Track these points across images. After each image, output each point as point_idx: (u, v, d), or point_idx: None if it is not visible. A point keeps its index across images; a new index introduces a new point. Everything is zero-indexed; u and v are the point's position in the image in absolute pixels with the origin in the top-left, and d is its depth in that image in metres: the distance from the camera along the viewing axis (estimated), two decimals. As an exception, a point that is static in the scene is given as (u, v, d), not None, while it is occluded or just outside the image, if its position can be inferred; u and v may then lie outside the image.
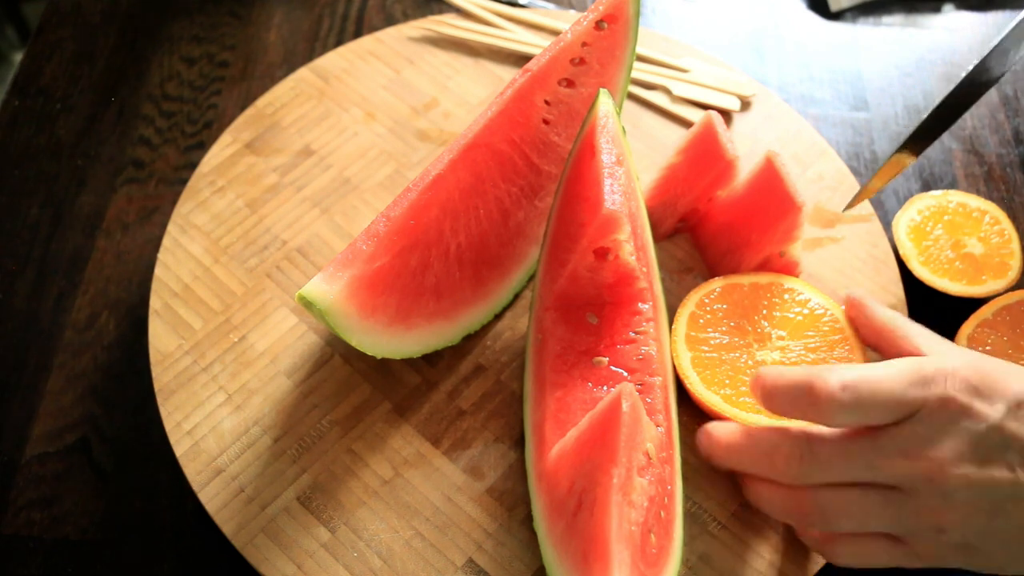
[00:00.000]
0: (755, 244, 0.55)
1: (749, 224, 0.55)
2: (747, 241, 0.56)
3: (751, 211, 0.55)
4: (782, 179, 0.53)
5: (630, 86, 0.67)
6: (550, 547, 0.46)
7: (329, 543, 0.49)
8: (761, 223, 0.55)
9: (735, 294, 0.55)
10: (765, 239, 0.55)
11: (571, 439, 0.46)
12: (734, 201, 0.57)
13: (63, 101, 0.71)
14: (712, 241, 0.59)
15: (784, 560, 0.50)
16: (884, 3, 0.78)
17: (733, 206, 0.57)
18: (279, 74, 0.71)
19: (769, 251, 0.55)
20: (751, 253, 0.56)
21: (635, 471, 0.43)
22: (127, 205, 0.65)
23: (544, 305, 0.53)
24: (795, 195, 0.53)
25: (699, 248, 0.60)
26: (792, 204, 0.53)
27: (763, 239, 0.55)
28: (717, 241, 0.58)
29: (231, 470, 0.51)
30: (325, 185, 0.62)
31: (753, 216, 0.55)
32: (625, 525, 0.42)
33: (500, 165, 0.55)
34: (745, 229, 0.56)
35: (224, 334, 0.56)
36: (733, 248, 0.57)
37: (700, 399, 0.52)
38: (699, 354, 0.53)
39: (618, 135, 0.52)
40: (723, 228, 0.58)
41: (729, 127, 0.66)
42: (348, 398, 0.54)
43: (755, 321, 0.54)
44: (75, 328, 0.59)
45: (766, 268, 0.57)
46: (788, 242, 0.55)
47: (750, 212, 0.55)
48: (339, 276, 0.49)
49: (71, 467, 0.54)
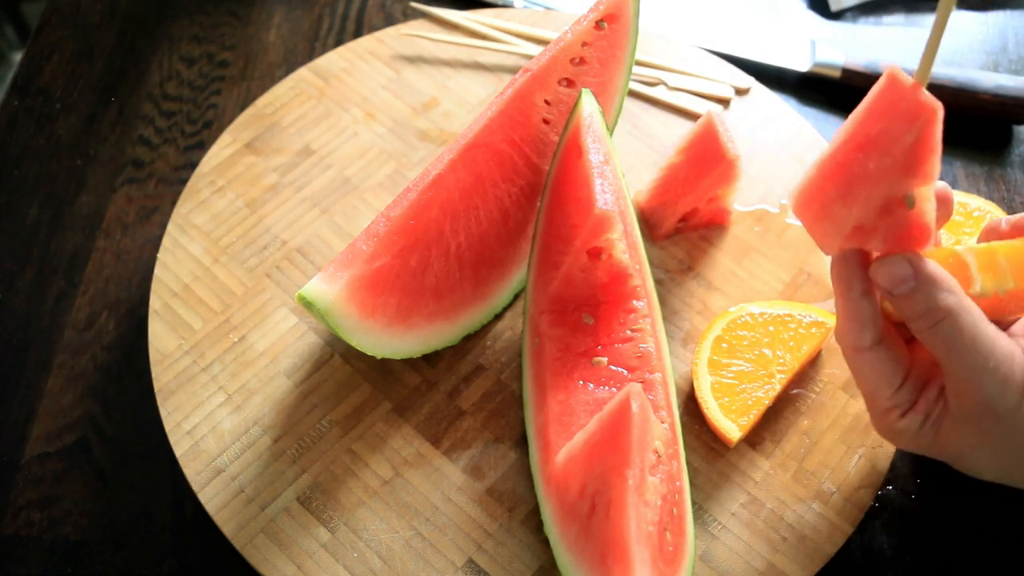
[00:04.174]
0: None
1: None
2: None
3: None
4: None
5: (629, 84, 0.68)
6: (564, 551, 0.46)
7: (329, 543, 0.49)
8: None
9: (763, 321, 0.55)
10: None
11: (579, 442, 0.46)
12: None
13: (63, 101, 0.70)
14: None
15: (784, 560, 0.50)
16: (884, 3, 0.78)
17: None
18: (279, 74, 0.71)
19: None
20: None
21: (647, 470, 0.44)
22: (127, 205, 0.65)
23: (539, 308, 0.53)
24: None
25: None
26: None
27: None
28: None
29: (231, 470, 0.51)
30: (325, 185, 0.62)
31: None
32: (643, 526, 0.42)
33: (500, 165, 0.55)
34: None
35: (224, 334, 0.56)
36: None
37: (715, 425, 0.52)
38: (719, 379, 0.53)
39: (603, 134, 0.53)
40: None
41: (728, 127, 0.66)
42: (348, 398, 0.54)
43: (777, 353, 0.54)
44: (75, 328, 0.59)
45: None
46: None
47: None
48: (339, 276, 0.49)
49: (70, 467, 0.54)
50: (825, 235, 0.44)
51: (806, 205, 0.44)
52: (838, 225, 0.42)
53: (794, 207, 0.45)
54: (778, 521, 0.51)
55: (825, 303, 0.58)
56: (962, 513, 0.53)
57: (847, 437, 0.53)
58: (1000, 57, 0.75)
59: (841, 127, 0.42)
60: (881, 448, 0.53)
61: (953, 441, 0.43)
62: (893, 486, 0.54)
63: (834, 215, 0.42)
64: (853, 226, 0.42)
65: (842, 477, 0.52)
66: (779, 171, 0.64)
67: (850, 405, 0.54)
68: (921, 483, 0.54)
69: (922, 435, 0.44)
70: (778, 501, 0.51)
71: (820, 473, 0.52)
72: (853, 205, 0.41)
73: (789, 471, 0.52)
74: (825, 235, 0.44)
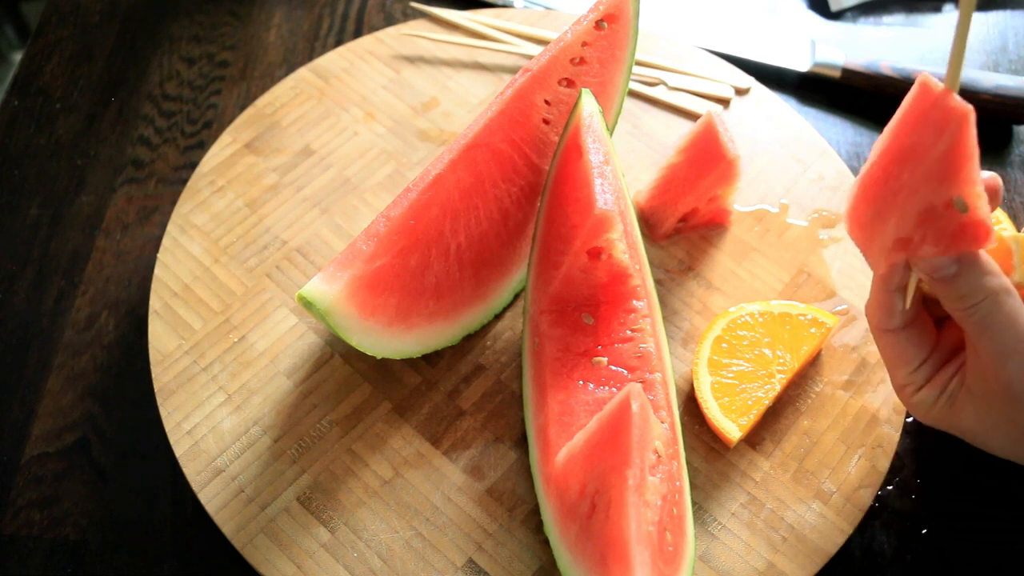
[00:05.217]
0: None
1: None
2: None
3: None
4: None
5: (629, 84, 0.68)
6: (564, 551, 0.46)
7: (329, 543, 0.49)
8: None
9: (763, 321, 0.55)
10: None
11: (579, 442, 0.46)
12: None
13: (63, 101, 0.70)
14: None
15: (784, 560, 0.50)
16: (884, 3, 0.78)
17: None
18: (279, 74, 0.71)
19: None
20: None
21: (647, 470, 0.44)
22: (127, 205, 0.65)
23: (539, 308, 0.53)
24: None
25: None
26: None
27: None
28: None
29: (231, 470, 0.51)
30: (325, 185, 0.62)
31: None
32: (644, 526, 0.42)
33: (500, 165, 0.55)
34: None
35: (224, 334, 0.56)
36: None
37: (715, 425, 0.52)
38: (719, 379, 0.53)
39: (603, 134, 0.53)
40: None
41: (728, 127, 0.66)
42: (348, 398, 0.54)
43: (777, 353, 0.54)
44: (75, 328, 0.59)
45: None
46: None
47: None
48: (339, 276, 0.49)
49: (70, 467, 0.54)
50: (871, 253, 0.43)
51: (854, 224, 0.44)
52: (880, 241, 0.42)
53: (848, 230, 0.44)
54: (778, 521, 0.51)
55: (825, 303, 0.58)
56: (962, 513, 0.54)
57: (847, 437, 0.53)
58: (1000, 57, 0.75)
59: (878, 139, 0.42)
60: (881, 448, 0.53)
61: (967, 417, 0.44)
62: (893, 486, 0.54)
63: (875, 231, 0.42)
64: (894, 239, 0.41)
65: (842, 477, 0.52)
66: (779, 171, 0.64)
67: (850, 405, 0.54)
68: (921, 483, 0.54)
69: (935, 409, 0.44)
70: (778, 501, 0.51)
71: (820, 473, 0.52)
72: (889, 218, 0.41)
73: (789, 471, 0.52)
74: (871, 253, 0.43)
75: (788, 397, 0.55)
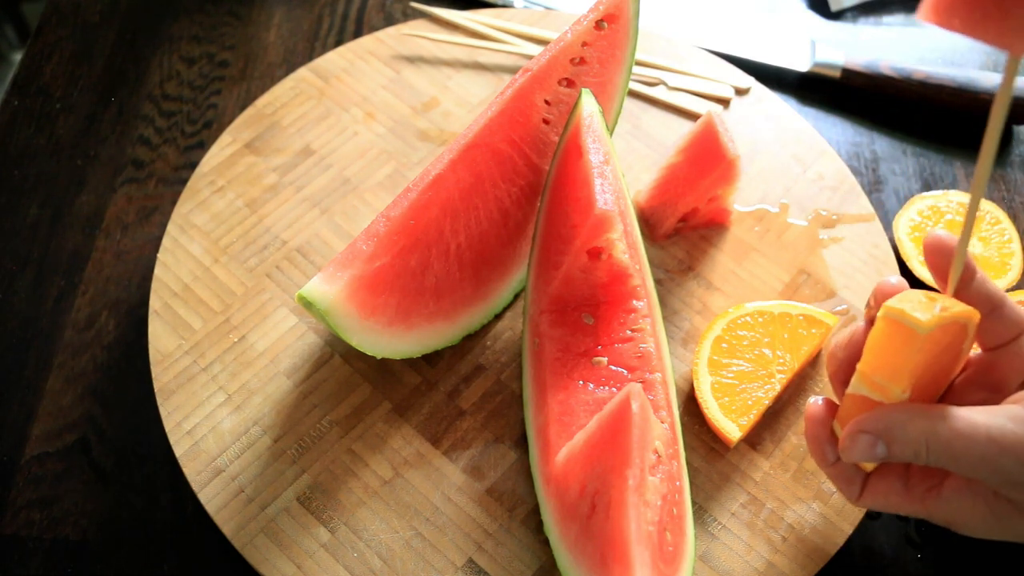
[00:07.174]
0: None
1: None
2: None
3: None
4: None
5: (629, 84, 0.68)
6: (564, 551, 0.46)
7: (329, 543, 0.49)
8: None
9: (763, 321, 0.55)
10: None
11: (579, 442, 0.46)
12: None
13: (62, 101, 0.70)
14: None
15: (784, 560, 0.50)
16: (884, 3, 0.78)
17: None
18: (279, 74, 0.71)
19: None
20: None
21: (647, 470, 0.44)
22: (127, 205, 0.65)
23: (539, 308, 0.53)
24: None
25: None
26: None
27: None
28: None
29: (231, 470, 0.51)
30: (325, 185, 0.62)
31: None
32: (644, 526, 0.42)
33: (500, 165, 0.55)
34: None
35: (224, 334, 0.56)
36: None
37: (715, 425, 0.52)
38: (719, 379, 0.53)
39: (603, 134, 0.53)
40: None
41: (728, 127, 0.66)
42: (348, 398, 0.54)
43: (777, 353, 0.54)
44: (75, 328, 0.59)
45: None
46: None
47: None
48: (339, 276, 0.49)
49: (70, 467, 0.54)
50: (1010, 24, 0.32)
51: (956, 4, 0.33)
52: None
53: (931, 15, 0.33)
54: (778, 521, 0.51)
55: (825, 303, 0.58)
56: (962, 513, 0.54)
57: (847, 437, 0.53)
58: (1000, 57, 0.75)
59: None
60: (881, 448, 0.53)
61: (948, 513, 0.42)
62: (893, 486, 0.54)
63: None
64: None
65: (842, 477, 0.52)
66: (779, 171, 0.64)
67: (850, 405, 0.54)
68: (921, 483, 0.54)
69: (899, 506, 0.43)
70: (778, 501, 0.51)
71: (820, 473, 0.52)
72: None
73: (789, 471, 0.52)
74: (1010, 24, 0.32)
75: (788, 397, 0.55)
